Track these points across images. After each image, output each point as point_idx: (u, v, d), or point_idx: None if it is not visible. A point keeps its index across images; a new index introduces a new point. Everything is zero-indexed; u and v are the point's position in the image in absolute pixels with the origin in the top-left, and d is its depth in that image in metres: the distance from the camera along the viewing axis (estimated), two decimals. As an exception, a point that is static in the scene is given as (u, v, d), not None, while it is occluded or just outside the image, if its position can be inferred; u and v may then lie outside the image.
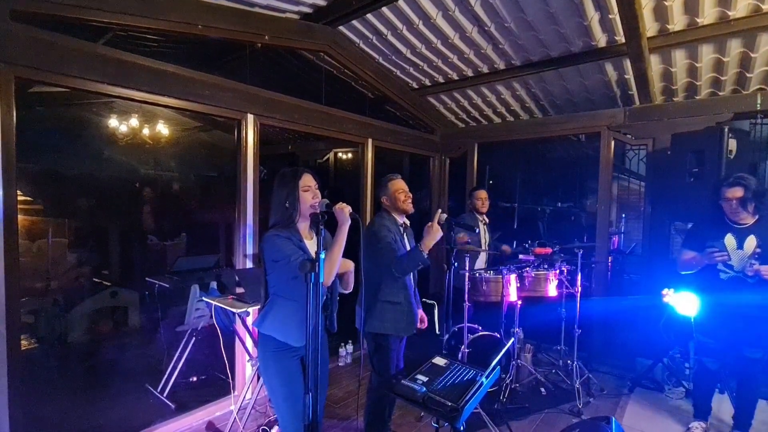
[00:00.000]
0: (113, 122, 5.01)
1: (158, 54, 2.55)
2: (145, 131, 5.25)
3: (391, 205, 2.30)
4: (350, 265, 1.83)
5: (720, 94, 3.37)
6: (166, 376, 3.03)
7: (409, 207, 2.27)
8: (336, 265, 1.63)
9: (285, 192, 1.72)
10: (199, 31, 2.54)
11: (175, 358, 3.07)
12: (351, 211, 1.59)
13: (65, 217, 4.81)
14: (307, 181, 1.75)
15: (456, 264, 2.22)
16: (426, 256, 2.05)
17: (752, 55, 2.86)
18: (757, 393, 2.57)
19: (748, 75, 3.06)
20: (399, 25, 3.27)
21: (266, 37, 2.93)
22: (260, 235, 2.39)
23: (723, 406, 2.87)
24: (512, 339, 1.84)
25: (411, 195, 2.29)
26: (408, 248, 2.29)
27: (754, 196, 2.33)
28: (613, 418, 2.06)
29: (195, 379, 3.24)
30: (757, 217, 2.40)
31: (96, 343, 4.09)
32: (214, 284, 3.55)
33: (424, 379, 1.55)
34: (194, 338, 3.12)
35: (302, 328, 1.67)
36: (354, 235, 1.65)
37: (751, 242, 2.35)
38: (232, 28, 2.70)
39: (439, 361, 1.73)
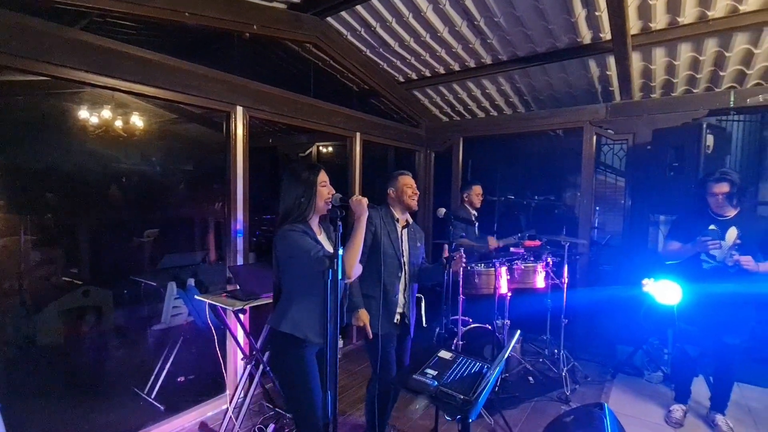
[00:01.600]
0: (83, 113, 4.75)
1: (140, 42, 2.41)
2: (118, 123, 5.01)
3: (396, 198, 2.30)
4: None
5: (694, 91, 3.52)
6: (153, 377, 2.93)
7: (414, 203, 2.29)
8: (357, 257, 1.64)
9: (302, 187, 1.71)
10: (186, 18, 2.43)
11: (162, 359, 2.97)
12: (368, 202, 1.63)
13: (31, 213, 4.55)
14: (324, 176, 1.76)
15: (456, 257, 2.22)
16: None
17: (726, 54, 3.00)
18: (733, 377, 2.72)
19: (721, 73, 3.21)
20: (388, 17, 3.24)
21: (254, 27, 2.83)
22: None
23: (700, 389, 3.03)
24: (516, 336, 1.87)
25: (418, 193, 2.31)
26: (402, 246, 2.28)
27: (738, 191, 2.46)
28: (606, 405, 2.15)
29: (183, 379, 3.15)
30: (738, 209, 2.53)
31: (69, 345, 3.90)
32: (191, 281, 3.46)
33: (434, 372, 1.56)
34: (182, 337, 3.02)
35: (321, 323, 1.66)
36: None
37: (732, 234, 2.47)
38: (220, 16, 2.60)
39: (445, 354, 1.74)
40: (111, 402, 2.90)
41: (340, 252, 1.31)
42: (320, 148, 6.77)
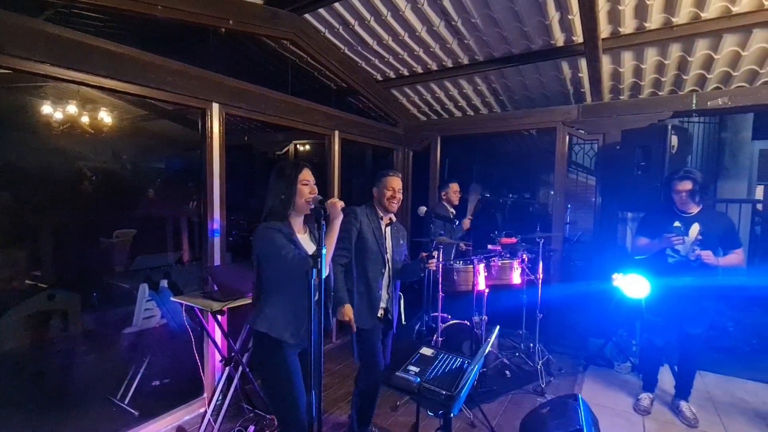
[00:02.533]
0: (47, 108, 4.52)
1: (109, 35, 2.31)
2: (85, 119, 4.80)
3: (377, 198, 2.34)
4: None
5: (659, 94, 3.68)
6: (126, 382, 2.83)
7: (392, 206, 2.31)
8: (328, 257, 1.62)
9: (283, 184, 1.70)
10: (159, 12, 2.35)
11: (135, 363, 2.88)
12: (344, 206, 1.60)
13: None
14: (307, 175, 1.74)
15: (435, 255, 2.26)
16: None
17: (689, 58, 3.15)
18: (696, 365, 2.88)
19: (684, 77, 3.37)
20: (367, 15, 3.23)
21: (230, 22, 2.77)
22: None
23: (666, 378, 3.18)
24: (496, 331, 1.91)
25: (399, 197, 2.32)
26: (386, 243, 2.31)
27: (700, 189, 2.59)
28: (580, 396, 2.24)
29: (159, 383, 3.06)
30: (701, 206, 2.67)
31: (34, 351, 3.72)
32: (164, 283, 3.37)
33: (416, 369, 1.58)
34: (155, 340, 2.93)
35: (297, 324, 1.66)
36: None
37: (694, 229, 2.61)
38: (194, 10, 2.53)
39: (427, 351, 1.77)
40: (81, 410, 2.78)
41: (324, 251, 1.30)
42: (297, 146, 6.69)
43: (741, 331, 4.29)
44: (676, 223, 2.64)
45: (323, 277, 1.31)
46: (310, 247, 1.74)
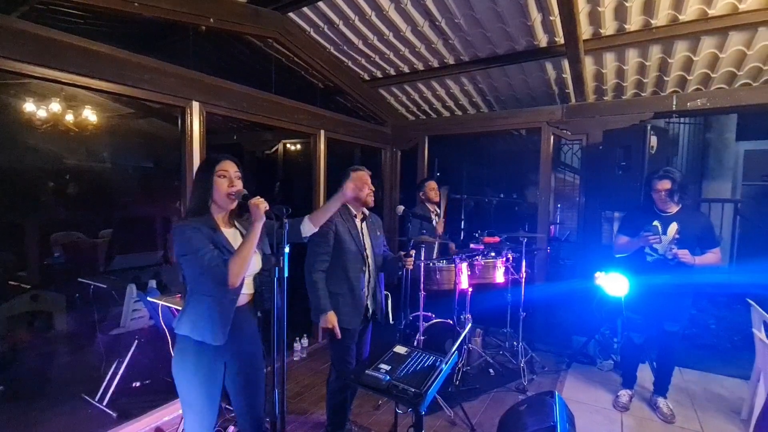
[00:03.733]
0: (30, 106, 4.47)
1: (86, 32, 2.29)
2: (69, 117, 4.74)
3: (351, 196, 2.28)
4: None
5: (642, 95, 3.72)
6: (105, 383, 2.80)
7: (370, 200, 2.28)
8: (245, 263, 1.51)
9: (201, 177, 1.61)
10: (135, 9, 2.34)
11: (115, 364, 2.85)
12: (268, 209, 1.49)
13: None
14: (225, 166, 1.61)
15: (413, 254, 2.26)
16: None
17: (669, 60, 3.19)
18: (674, 362, 2.91)
19: (665, 78, 3.41)
20: (351, 14, 3.23)
21: (211, 20, 2.76)
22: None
23: (644, 375, 3.22)
24: (468, 326, 1.92)
25: (374, 189, 2.29)
26: (364, 239, 2.30)
27: (679, 188, 2.62)
28: (556, 393, 2.26)
29: (138, 384, 3.03)
30: (680, 206, 2.70)
31: (16, 352, 3.67)
32: (153, 283, 3.33)
33: (387, 367, 1.58)
34: (136, 341, 2.91)
35: (219, 325, 1.57)
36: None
37: (672, 228, 2.64)
38: (173, 8, 2.51)
39: (400, 349, 1.77)
40: (57, 410, 2.75)
41: (286, 250, 1.29)
42: (287, 145, 6.67)
43: (723, 328, 4.35)
44: (655, 223, 2.67)
45: (278, 277, 1.29)
46: (237, 242, 1.63)
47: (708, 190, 6.83)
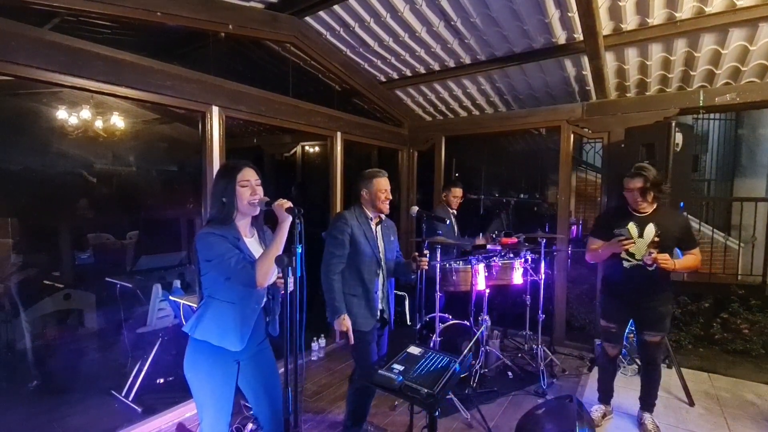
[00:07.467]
0: (62, 114, 4.68)
1: (113, 42, 2.40)
2: (99, 123, 4.95)
3: (369, 200, 2.29)
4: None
5: (667, 90, 3.60)
6: (131, 379, 2.91)
7: (386, 208, 2.28)
8: (272, 265, 1.49)
9: (222, 187, 1.60)
10: (158, 18, 2.42)
11: (140, 361, 2.95)
12: (290, 206, 1.49)
13: (9, 215, 4.47)
14: (246, 175, 1.61)
15: (428, 255, 2.26)
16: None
17: (696, 54, 3.07)
18: (659, 374, 2.65)
19: (692, 73, 3.29)
20: (366, 17, 3.25)
21: (230, 27, 2.83)
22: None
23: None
24: (482, 327, 1.90)
25: (391, 197, 2.29)
26: (380, 242, 2.32)
27: (653, 186, 2.39)
28: (575, 396, 2.21)
29: (162, 381, 3.13)
30: (655, 205, 2.48)
31: (50, 348, 3.85)
32: (177, 283, 3.43)
33: (401, 368, 1.59)
34: (160, 339, 3.01)
35: (240, 332, 1.60)
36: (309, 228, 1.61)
37: (650, 230, 2.42)
38: (193, 16, 2.59)
39: (414, 350, 1.77)
40: (86, 404, 2.88)
41: (299, 250, 1.31)
42: (305, 147, 6.77)
43: (756, 334, 4.16)
44: (629, 225, 2.47)
45: (298, 275, 1.31)
46: (257, 251, 1.64)
47: (740, 188, 6.54)
